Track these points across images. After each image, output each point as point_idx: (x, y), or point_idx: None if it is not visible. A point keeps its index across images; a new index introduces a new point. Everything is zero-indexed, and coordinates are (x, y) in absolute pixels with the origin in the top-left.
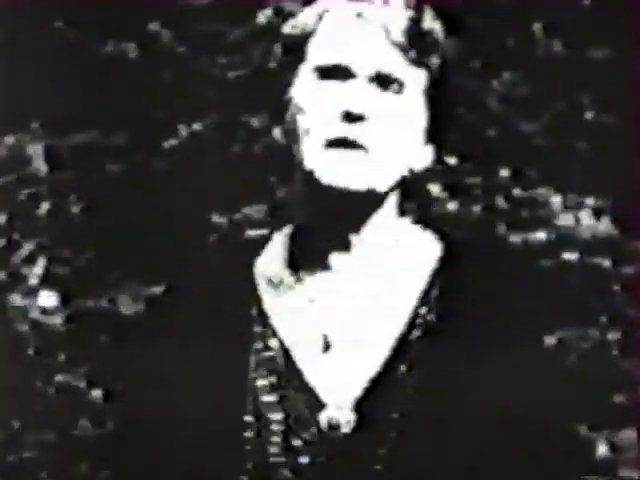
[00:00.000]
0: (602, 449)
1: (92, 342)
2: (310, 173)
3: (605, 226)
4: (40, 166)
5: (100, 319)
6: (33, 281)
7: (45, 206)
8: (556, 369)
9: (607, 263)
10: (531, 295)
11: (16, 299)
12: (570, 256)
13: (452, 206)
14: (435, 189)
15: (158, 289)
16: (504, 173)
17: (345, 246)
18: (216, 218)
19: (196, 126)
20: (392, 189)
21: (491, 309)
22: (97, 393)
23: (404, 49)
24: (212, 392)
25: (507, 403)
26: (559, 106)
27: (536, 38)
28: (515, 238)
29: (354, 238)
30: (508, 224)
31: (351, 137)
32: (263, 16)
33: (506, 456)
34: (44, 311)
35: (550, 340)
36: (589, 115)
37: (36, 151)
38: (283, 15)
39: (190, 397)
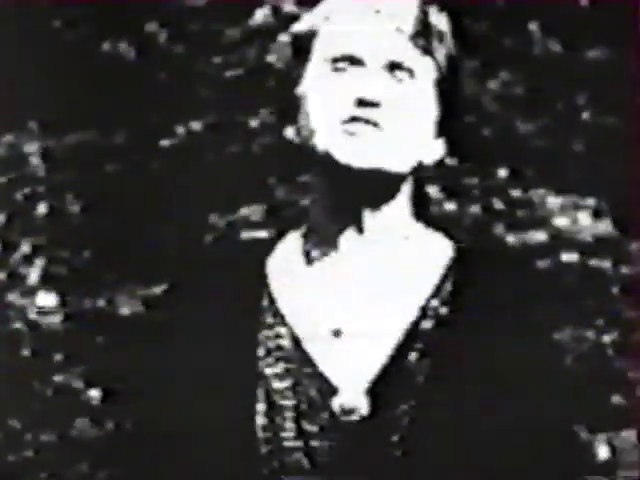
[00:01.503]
0: (602, 451)
1: (90, 342)
2: (323, 165)
3: (604, 227)
4: (37, 166)
5: (98, 319)
6: (31, 281)
7: (43, 206)
8: (554, 370)
9: (606, 264)
10: (528, 296)
11: (14, 299)
12: (568, 257)
13: (450, 207)
14: (433, 190)
15: (156, 289)
16: (502, 174)
17: (357, 233)
18: (214, 218)
19: (193, 126)
20: (405, 178)
21: (491, 309)
22: (95, 393)
23: (413, 39)
24: (216, 389)
25: (509, 403)
26: (557, 106)
27: (533, 38)
28: (513, 239)
29: (367, 226)
30: (506, 225)
31: (366, 118)
32: (259, 16)
33: (506, 457)
34: (42, 311)
35: (549, 340)
36: (587, 115)
37: (33, 151)
38: (279, 15)
39: (192, 394)
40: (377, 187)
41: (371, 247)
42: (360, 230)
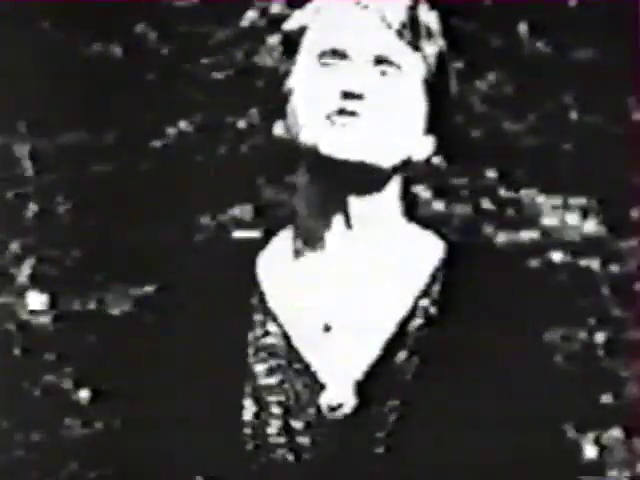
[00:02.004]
0: (589, 450)
1: (80, 342)
2: (309, 159)
3: (593, 226)
4: (27, 167)
5: (88, 319)
6: (21, 281)
7: (32, 207)
8: (544, 370)
9: (594, 263)
10: (517, 296)
11: (4, 299)
12: (558, 257)
13: (439, 207)
14: (422, 190)
15: (146, 289)
16: (490, 174)
17: (345, 227)
18: (203, 218)
19: (182, 126)
20: (394, 173)
21: (481, 309)
22: (85, 393)
23: (401, 34)
24: (205, 386)
25: (497, 402)
26: (545, 106)
27: (521, 39)
28: (502, 239)
29: (356, 223)
30: (495, 225)
31: (351, 110)
32: (248, 17)
33: (493, 455)
34: (32, 311)
35: (538, 340)
36: (575, 115)
37: (22, 152)
38: (267, 16)
39: (181, 393)
40: (364, 178)
41: (361, 245)
42: (348, 224)
